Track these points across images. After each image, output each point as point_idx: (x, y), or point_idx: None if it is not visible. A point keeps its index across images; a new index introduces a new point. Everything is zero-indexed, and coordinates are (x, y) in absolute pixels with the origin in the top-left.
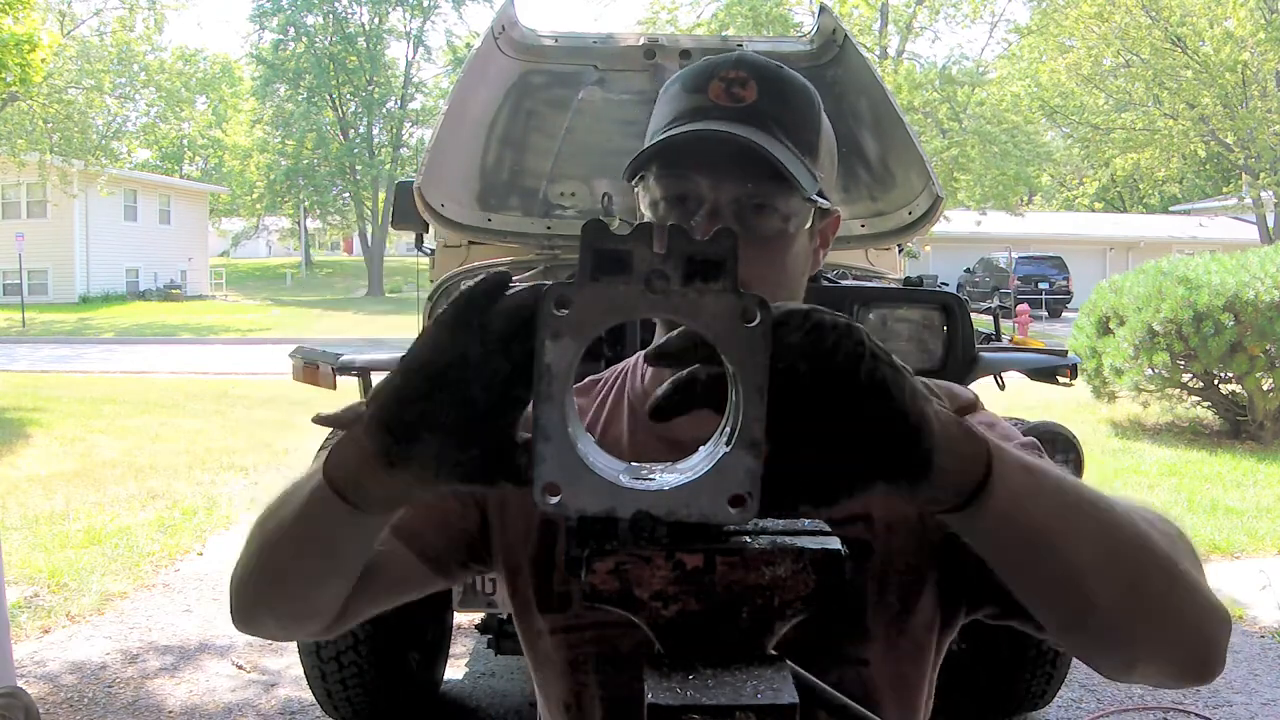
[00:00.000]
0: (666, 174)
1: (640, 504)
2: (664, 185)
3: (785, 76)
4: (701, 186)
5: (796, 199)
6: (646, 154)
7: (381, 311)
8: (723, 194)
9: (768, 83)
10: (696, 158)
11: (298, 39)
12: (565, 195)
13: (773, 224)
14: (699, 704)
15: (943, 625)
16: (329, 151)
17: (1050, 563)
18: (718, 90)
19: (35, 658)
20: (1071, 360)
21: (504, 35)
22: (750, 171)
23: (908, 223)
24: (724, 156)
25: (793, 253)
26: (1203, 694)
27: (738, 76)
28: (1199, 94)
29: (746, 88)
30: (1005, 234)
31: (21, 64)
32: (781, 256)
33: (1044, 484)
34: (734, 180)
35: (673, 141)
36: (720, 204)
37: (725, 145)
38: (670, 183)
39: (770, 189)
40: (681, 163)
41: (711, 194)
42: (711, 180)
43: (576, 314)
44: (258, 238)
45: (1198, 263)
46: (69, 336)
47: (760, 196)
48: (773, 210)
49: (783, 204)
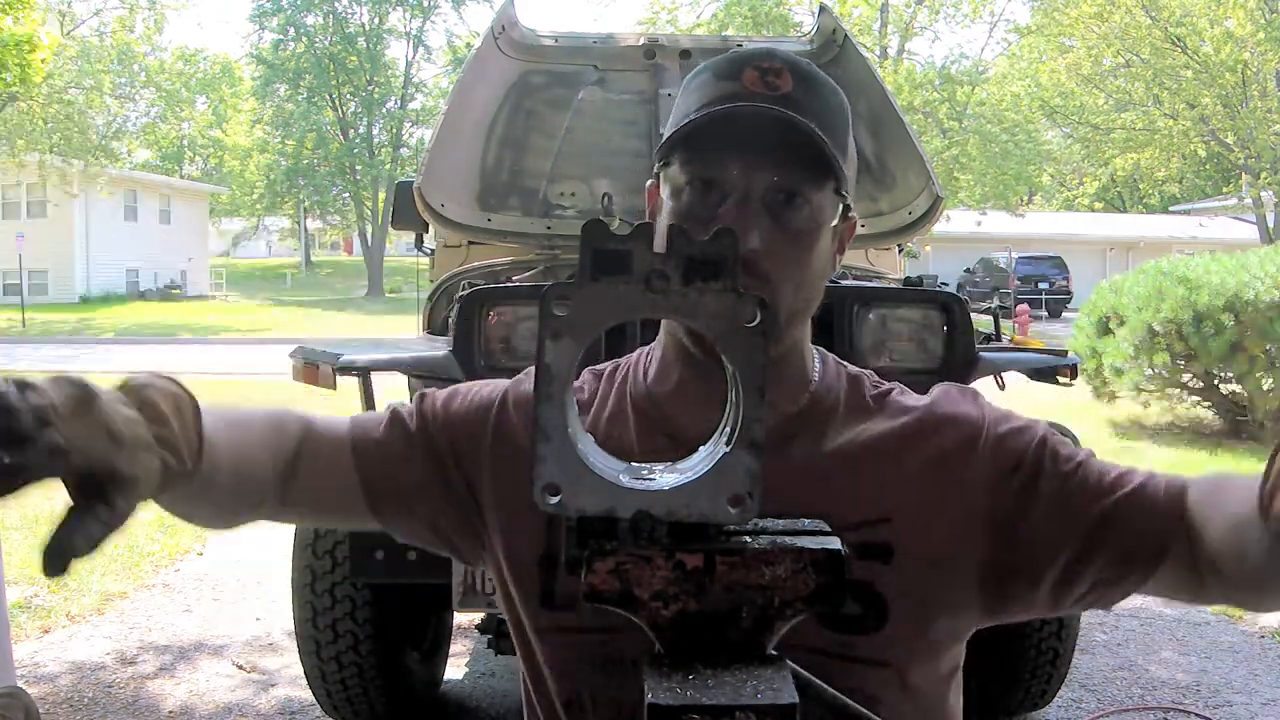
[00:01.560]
0: (697, 156)
1: (640, 504)
2: (692, 168)
3: (818, 73)
4: (733, 171)
5: (828, 193)
6: (682, 132)
7: (381, 311)
8: (756, 180)
9: (801, 76)
10: (733, 140)
11: (298, 39)
12: (565, 195)
13: (803, 216)
14: (699, 704)
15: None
16: (329, 151)
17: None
18: (752, 78)
19: (35, 658)
20: (1071, 360)
21: (504, 35)
22: (789, 156)
23: (908, 223)
24: (764, 138)
25: (819, 250)
26: (1203, 694)
27: (772, 66)
28: (1199, 94)
29: (781, 77)
30: (1005, 234)
31: (21, 64)
32: (809, 254)
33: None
34: (769, 166)
35: (713, 116)
36: (752, 191)
37: (770, 124)
38: (699, 165)
39: (804, 178)
40: (715, 145)
41: (744, 180)
42: (745, 164)
43: (576, 314)
44: (258, 238)
45: (1198, 263)
46: (69, 336)
47: (794, 185)
48: (804, 202)
49: (815, 196)
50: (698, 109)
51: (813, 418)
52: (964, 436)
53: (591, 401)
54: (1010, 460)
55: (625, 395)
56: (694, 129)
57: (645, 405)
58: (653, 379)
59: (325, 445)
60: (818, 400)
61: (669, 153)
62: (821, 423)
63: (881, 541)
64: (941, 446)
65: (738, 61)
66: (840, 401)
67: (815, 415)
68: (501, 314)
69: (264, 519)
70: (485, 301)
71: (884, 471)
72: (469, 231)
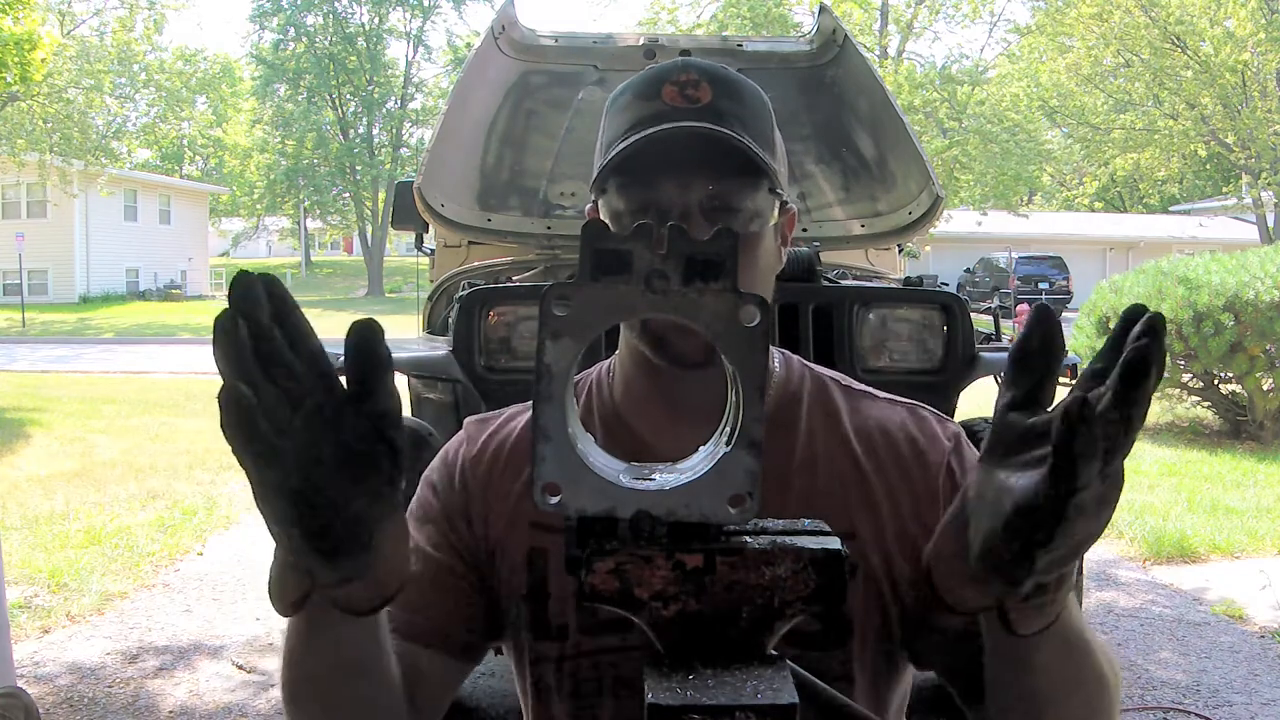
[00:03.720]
0: (632, 181)
1: (640, 504)
2: (629, 193)
3: (735, 77)
4: (668, 192)
5: (763, 195)
6: (612, 164)
7: (381, 311)
8: (692, 195)
9: (719, 83)
10: (663, 160)
11: (298, 39)
12: (565, 195)
13: (741, 222)
14: (699, 704)
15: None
16: (329, 151)
17: (1035, 681)
18: (671, 93)
19: (35, 658)
20: (1071, 360)
21: (504, 35)
22: (720, 167)
23: (908, 223)
24: (692, 154)
25: (763, 250)
26: (1203, 694)
27: (689, 79)
28: (1199, 94)
29: (699, 88)
30: (1006, 234)
31: (21, 64)
32: (753, 256)
33: (1071, 628)
34: (702, 179)
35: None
36: (690, 206)
37: (696, 140)
38: (633, 193)
39: (738, 186)
40: (647, 168)
41: (680, 197)
42: (679, 182)
43: (576, 314)
44: (258, 238)
45: (1198, 263)
46: (69, 336)
47: (728, 195)
48: (740, 209)
49: (751, 202)
50: (623, 133)
51: (778, 424)
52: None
53: None
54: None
55: (592, 410)
56: (624, 158)
57: (612, 422)
58: (618, 393)
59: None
60: (780, 406)
61: (605, 180)
62: (787, 428)
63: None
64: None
65: (655, 80)
66: (804, 406)
67: (780, 422)
68: (501, 314)
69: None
70: (485, 301)
71: (849, 486)
72: (469, 231)
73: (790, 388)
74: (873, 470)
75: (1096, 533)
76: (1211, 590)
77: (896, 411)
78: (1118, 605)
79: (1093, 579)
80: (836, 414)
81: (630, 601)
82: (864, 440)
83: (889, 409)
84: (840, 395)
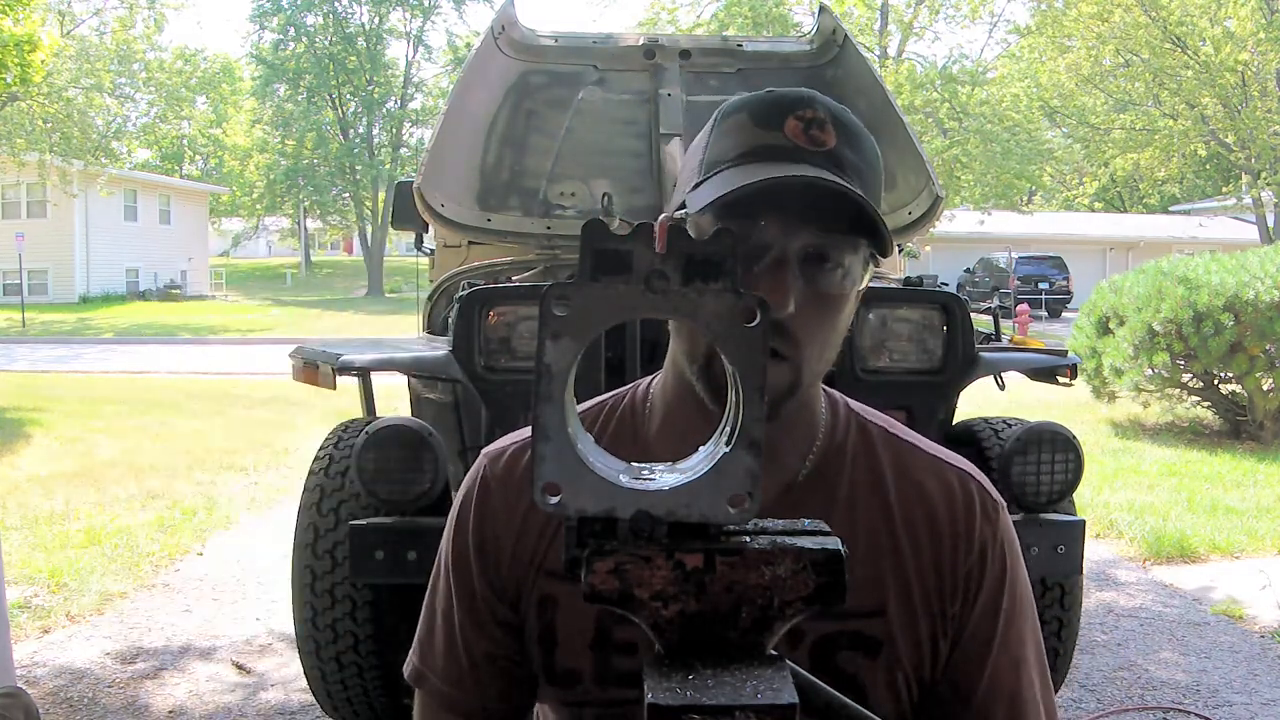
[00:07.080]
0: (734, 216)
1: (640, 504)
2: (729, 224)
3: (856, 123)
4: (773, 233)
5: (861, 255)
6: (729, 198)
7: (381, 311)
8: (795, 242)
9: (843, 128)
10: (775, 202)
11: (298, 39)
12: (565, 195)
13: (835, 280)
14: (699, 704)
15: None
16: (329, 151)
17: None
18: (795, 129)
19: (35, 658)
20: (1071, 360)
21: (504, 35)
22: (830, 220)
23: (908, 223)
24: (806, 201)
25: (845, 312)
26: (1203, 694)
27: (815, 117)
28: (1199, 94)
29: (825, 130)
30: (1006, 234)
31: (21, 64)
32: (837, 316)
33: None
34: (809, 228)
35: (762, 187)
36: (788, 253)
37: (813, 189)
38: (736, 225)
39: (841, 241)
40: (755, 204)
41: (781, 241)
42: (783, 225)
43: (576, 314)
44: (258, 238)
45: (1198, 263)
46: (69, 336)
47: (830, 248)
48: (836, 265)
49: (847, 259)
50: (735, 158)
51: (821, 482)
52: (963, 545)
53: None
54: (985, 590)
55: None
56: (744, 194)
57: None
58: (656, 432)
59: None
60: (827, 461)
61: (711, 203)
62: (830, 485)
63: (872, 635)
64: (940, 548)
65: (777, 108)
66: (848, 459)
67: (824, 479)
68: (501, 314)
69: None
70: (485, 301)
71: (883, 560)
72: (469, 231)
73: (836, 439)
74: (909, 544)
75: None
76: (1211, 590)
77: (944, 478)
78: (1118, 605)
79: (1093, 579)
80: (880, 476)
81: (630, 601)
82: (905, 509)
83: (936, 472)
84: (886, 452)
